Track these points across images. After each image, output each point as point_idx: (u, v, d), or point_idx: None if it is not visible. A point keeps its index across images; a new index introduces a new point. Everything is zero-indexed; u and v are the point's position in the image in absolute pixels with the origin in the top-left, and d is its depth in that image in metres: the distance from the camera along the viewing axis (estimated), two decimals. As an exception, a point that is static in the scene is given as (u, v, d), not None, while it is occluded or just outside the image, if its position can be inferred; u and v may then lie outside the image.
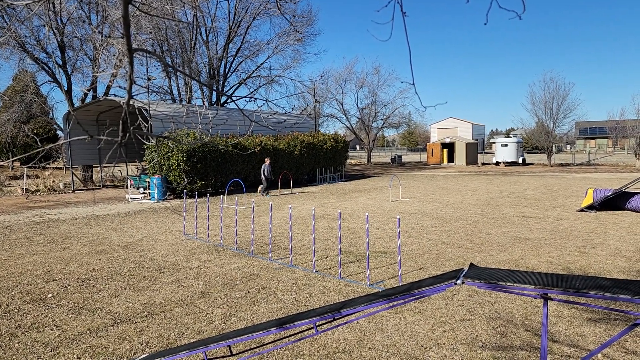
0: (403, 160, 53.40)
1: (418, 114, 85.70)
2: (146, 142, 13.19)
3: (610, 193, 13.53)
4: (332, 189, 22.92)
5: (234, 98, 33.06)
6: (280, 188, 22.55)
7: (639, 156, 37.71)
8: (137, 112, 6.42)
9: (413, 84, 2.66)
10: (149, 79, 23.60)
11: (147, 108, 18.77)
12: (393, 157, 51.05)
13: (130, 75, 1.74)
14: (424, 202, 17.05)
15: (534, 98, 41.08)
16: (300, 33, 31.24)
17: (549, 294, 2.65)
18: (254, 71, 33.41)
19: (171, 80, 32.56)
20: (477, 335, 5.14)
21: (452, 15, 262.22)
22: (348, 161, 50.08)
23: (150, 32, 25.09)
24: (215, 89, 32.24)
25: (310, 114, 35.55)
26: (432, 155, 47.38)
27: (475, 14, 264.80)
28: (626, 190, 13.85)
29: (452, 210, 14.80)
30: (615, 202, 14.02)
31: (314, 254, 8.27)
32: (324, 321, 3.18)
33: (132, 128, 2.12)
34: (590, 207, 13.90)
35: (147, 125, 3.87)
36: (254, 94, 32.83)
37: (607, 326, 5.36)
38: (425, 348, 4.85)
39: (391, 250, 9.29)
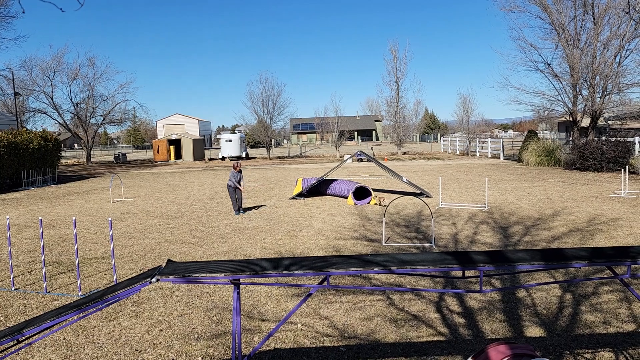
0: (128, 159, 50.55)
1: (142, 110, 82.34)
2: None
3: (315, 181, 15.47)
4: (42, 194, 20.23)
5: None
6: (-28, 196, 18.82)
7: (338, 148, 44.25)
8: None
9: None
10: None
11: None
12: (116, 155, 47.92)
13: None
14: (148, 200, 16.52)
15: (253, 96, 44.01)
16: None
17: (239, 279, 2.88)
18: None
19: None
20: (193, 328, 5.24)
21: (163, 11, 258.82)
22: (64, 161, 45.02)
23: None
24: None
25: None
26: (159, 152, 46.24)
27: (189, 13, 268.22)
28: (327, 178, 16.03)
29: (177, 206, 14.74)
30: (319, 188, 16.12)
31: (12, 269, 7.16)
32: (1, 347, 2.76)
33: None
34: (300, 195, 15.64)
35: None
36: None
37: (308, 299, 6.10)
38: (140, 351, 4.71)
39: (109, 254, 8.71)
